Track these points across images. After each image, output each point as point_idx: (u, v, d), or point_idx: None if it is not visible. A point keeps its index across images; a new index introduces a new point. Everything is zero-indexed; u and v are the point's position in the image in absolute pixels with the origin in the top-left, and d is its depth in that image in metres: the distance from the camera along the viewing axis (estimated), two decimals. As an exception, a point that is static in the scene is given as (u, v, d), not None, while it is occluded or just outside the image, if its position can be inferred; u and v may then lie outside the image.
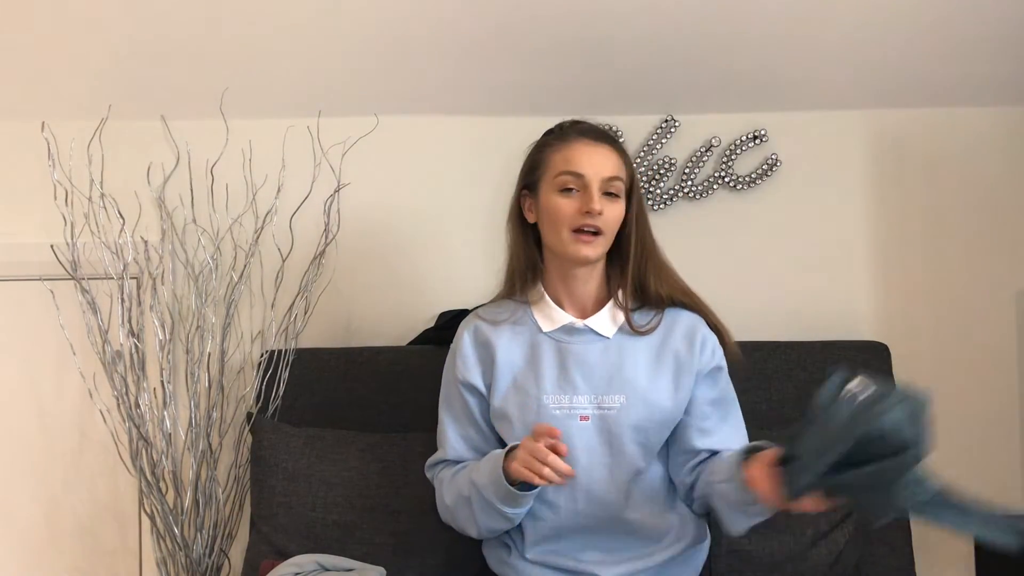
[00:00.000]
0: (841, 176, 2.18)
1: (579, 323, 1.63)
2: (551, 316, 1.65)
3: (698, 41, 2.01)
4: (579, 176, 1.58)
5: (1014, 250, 2.18)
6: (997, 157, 2.18)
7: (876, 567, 1.87)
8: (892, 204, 2.18)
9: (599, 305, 1.65)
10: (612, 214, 1.59)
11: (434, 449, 1.72)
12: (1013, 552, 1.24)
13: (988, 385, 2.16)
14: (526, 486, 1.50)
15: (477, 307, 1.78)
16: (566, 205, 1.58)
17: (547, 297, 1.66)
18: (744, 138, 2.15)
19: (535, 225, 1.65)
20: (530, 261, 1.67)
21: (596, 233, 1.58)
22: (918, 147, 2.18)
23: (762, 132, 2.15)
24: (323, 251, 2.10)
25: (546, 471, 1.42)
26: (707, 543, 1.69)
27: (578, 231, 1.58)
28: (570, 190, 1.58)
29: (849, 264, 2.17)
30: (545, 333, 1.64)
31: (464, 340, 1.69)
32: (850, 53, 2.05)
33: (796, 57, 2.05)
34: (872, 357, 2.00)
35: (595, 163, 1.58)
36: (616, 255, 1.65)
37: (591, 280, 1.64)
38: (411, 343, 2.09)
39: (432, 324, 2.10)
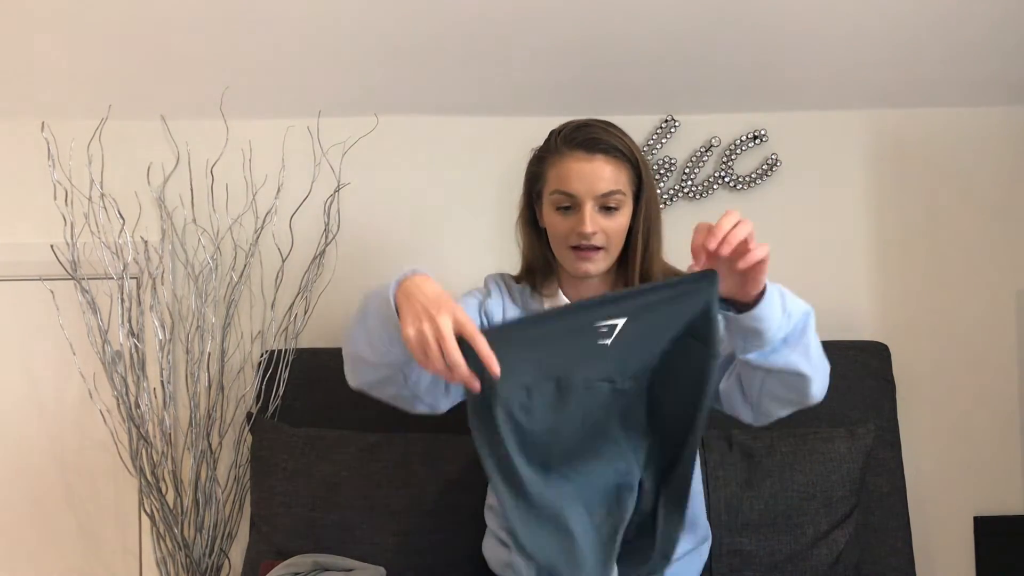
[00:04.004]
0: (841, 176, 2.18)
1: None
2: None
3: (698, 41, 2.01)
4: (571, 196, 1.54)
5: (1014, 250, 2.18)
6: (997, 157, 2.18)
7: (876, 567, 1.87)
8: (892, 204, 2.18)
9: None
10: (612, 227, 1.56)
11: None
12: None
13: (988, 385, 2.16)
14: None
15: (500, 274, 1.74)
16: (561, 224, 1.57)
17: (560, 294, 1.65)
18: (744, 138, 2.15)
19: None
20: (544, 261, 1.66)
21: (597, 248, 1.56)
22: (918, 147, 2.18)
23: (762, 132, 2.15)
24: (323, 251, 2.10)
25: (439, 364, 1.25)
26: (708, 544, 1.68)
27: (576, 248, 1.56)
28: (566, 208, 1.56)
29: (849, 264, 2.17)
30: None
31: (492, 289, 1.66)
32: (850, 53, 2.05)
33: (796, 57, 2.05)
34: (872, 357, 2.00)
35: (588, 180, 1.54)
36: (628, 255, 1.62)
37: (600, 283, 1.64)
38: (411, 343, 2.09)
39: (432, 324, 2.10)
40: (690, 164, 2.15)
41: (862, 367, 1.98)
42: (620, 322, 1.32)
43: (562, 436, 1.37)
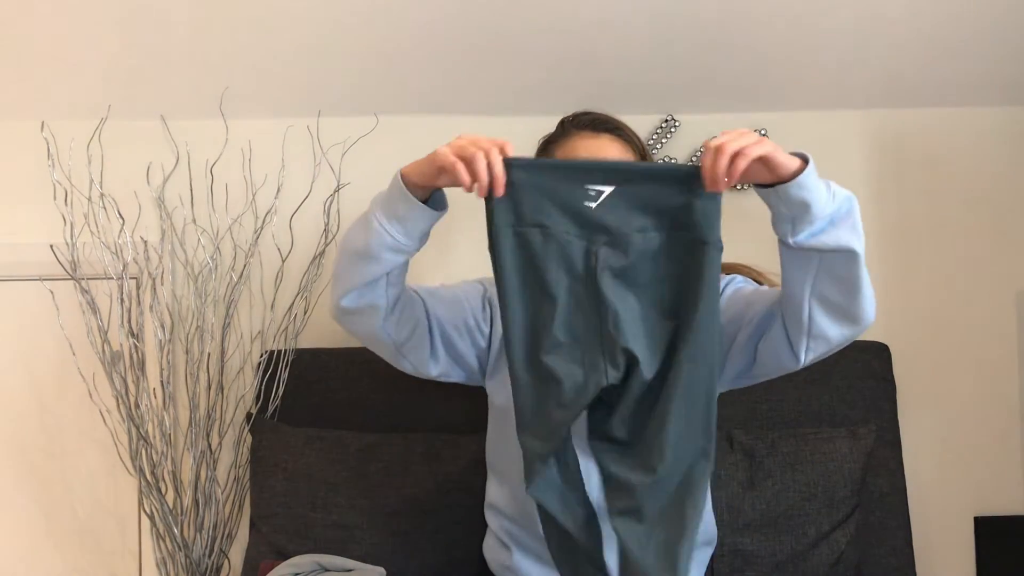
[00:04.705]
0: (841, 176, 2.14)
1: None
2: None
3: (698, 41, 2.01)
4: None
5: (1014, 250, 2.18)
6: (997, 157, 2.18)
7: (877, 567, 1.87)
8: (892, 204, 2.18)
9: None
10: None
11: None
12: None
13: (988, 385, 2.16)
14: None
15: None
16: None
17: None
18: (744, 138, 2.15)
19: None
20: None
21: None
22: (918, 147, 2.18)
23: (762, 132, 2.15)
24: (323, 251, 2.10)
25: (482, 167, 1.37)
26: (713, 546, 1.68)
27: None
28: None
29: (849, 264, 2.17)
30: None
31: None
32: (850, 53, 2.05)
33: (796, 57, 2.05)
34: (872, 357, 2.00)
35: (594, 155, 1.56)
36: None
37: None
38: (411, 343, 2.09)
39: (432, 324, 2.10)
40: (690, 164, 2.15)
41: (862, 367, 1.98)
42: (607, 189, 1.38)
43: (543, 303, 1.39)
